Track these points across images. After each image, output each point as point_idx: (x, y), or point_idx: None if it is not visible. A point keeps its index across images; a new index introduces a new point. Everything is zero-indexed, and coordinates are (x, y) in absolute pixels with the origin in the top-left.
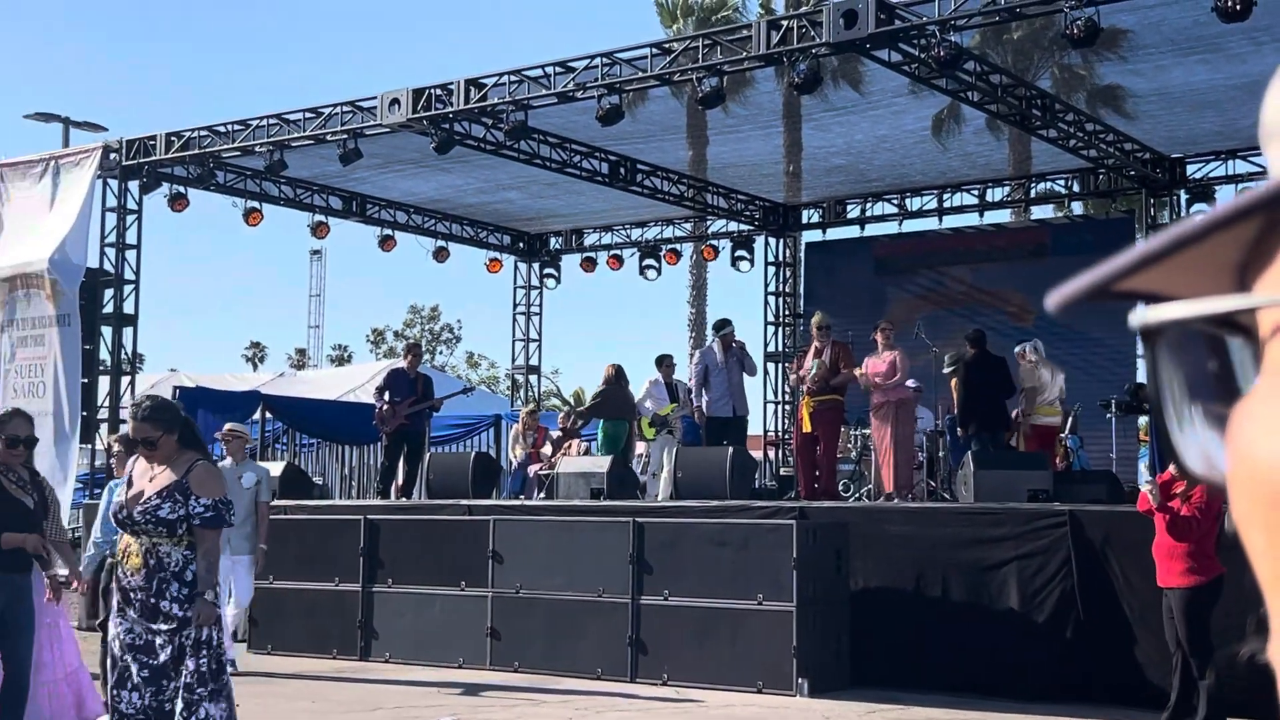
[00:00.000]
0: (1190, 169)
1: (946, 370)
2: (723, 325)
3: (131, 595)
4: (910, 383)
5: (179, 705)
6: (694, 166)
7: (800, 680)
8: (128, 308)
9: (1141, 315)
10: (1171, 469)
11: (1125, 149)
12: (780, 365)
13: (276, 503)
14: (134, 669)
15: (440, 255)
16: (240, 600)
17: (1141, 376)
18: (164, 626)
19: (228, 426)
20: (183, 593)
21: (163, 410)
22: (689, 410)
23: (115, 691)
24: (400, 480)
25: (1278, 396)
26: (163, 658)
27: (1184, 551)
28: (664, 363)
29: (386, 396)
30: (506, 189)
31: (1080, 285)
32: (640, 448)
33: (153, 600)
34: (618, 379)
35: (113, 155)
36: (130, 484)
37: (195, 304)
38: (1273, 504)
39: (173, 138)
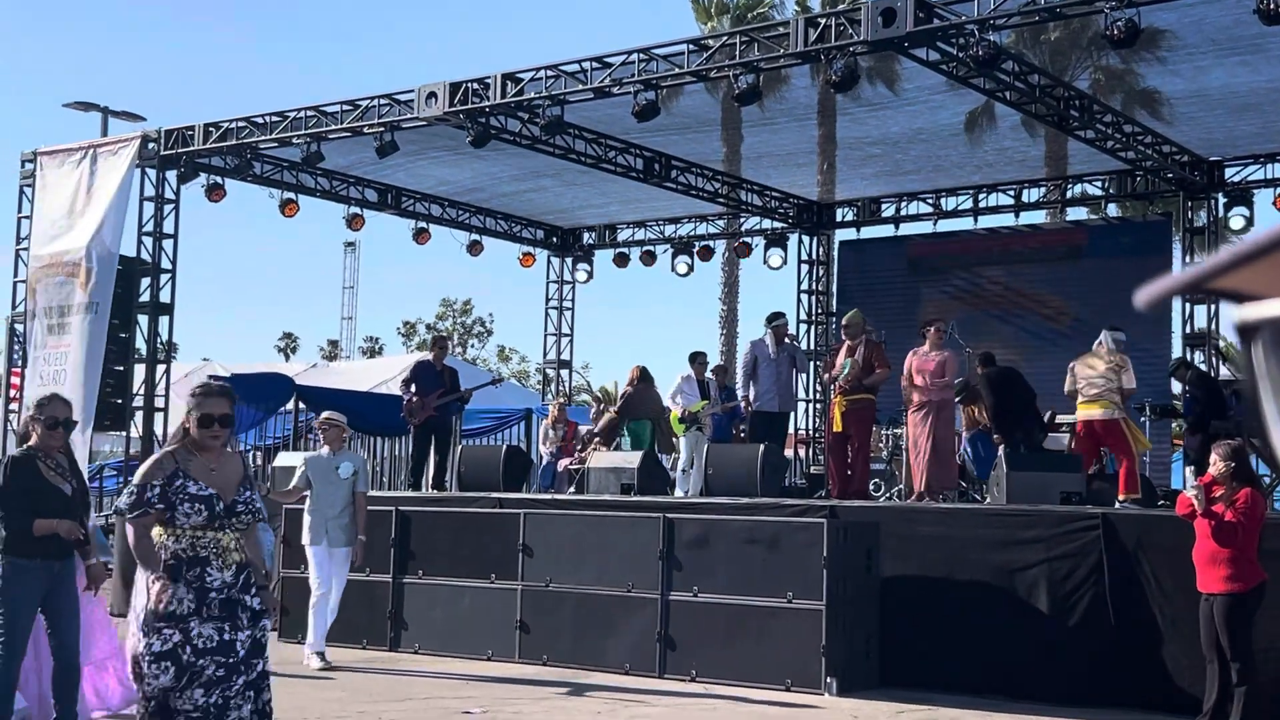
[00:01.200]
0: (1229, 172)
1: (955, 400)
2: (775, 317)
3: (212, 595)
4: None
5: (265, 698)
6: (728, 161)
7: (829, 679)
8: (164, 297)
9: (1239, 312)
10: (1212, 472)
11: (1163, 151)
12: (812, 363)
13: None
14: (210, 670)
15: (474, 249)
16: (333, 596)
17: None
18: (243, 620)
19: (325, 415)
20: (255, 585)
21: (231, 391)
22: (719, 408)
23: (180, 692)
24: (431, 472)
25: None
26: (241, 653)
27: (1226, 557)
28: (697, 359)
29: (413, 388)
30: (541, 175)
31: (1173, 282)
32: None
33: (239, 595)
34: (642, 379)
35: (151, 145)
36: (190, 477)
37: (229, 294)
38: None
39: (211, 128)
